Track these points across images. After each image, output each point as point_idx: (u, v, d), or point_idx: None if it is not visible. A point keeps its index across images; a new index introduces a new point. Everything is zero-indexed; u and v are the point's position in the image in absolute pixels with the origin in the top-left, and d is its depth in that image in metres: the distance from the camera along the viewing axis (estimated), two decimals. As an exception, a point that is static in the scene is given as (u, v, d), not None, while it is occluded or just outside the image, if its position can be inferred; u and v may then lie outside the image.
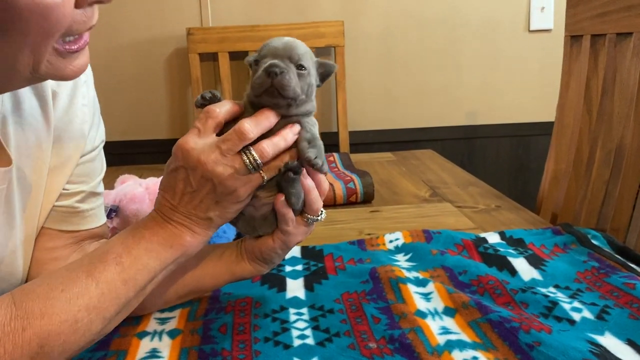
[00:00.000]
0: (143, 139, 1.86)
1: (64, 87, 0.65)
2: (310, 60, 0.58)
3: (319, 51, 1.81)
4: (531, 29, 1.89)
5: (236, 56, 1.77)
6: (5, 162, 0.58)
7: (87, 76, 0.69)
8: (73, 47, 0.51)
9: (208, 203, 0.56)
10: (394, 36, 1.86)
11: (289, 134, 0.57)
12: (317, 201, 0.61)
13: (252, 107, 0.57)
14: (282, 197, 0.59)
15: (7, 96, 0.60)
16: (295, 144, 0.58)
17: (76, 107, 0.66)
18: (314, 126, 0.59)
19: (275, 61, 0.54)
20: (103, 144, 0.74)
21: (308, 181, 0.60)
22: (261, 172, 0.56)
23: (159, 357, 0.59)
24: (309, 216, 0.61)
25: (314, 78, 0.58)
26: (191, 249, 0.58)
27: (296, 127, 0.57)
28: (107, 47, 1.77)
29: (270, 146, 0.56)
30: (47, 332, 0.49)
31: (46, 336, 0.49)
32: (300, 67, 0.55)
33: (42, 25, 0.45)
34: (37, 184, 0.63)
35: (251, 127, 0.55)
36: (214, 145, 0.55)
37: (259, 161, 0.55)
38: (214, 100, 0.58)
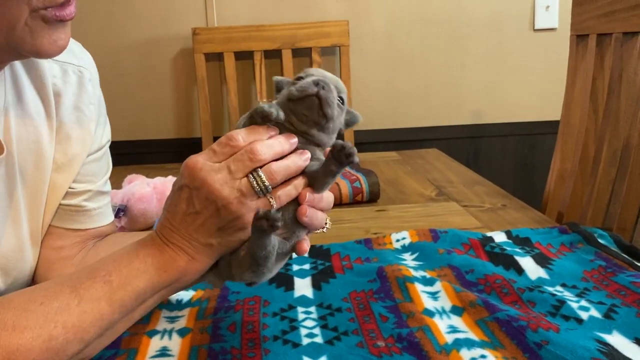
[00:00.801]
0: (149, 139, 1.87)
1: (70, 85, 0.66)
2: (346, 102, 0.57)
3: (324, 51, 1.81)
4: (536, 27, 1.88)
5: (242, 56, 1.78)
6: None
7: (92, 74, 0.70)
8: (59, 13, 0.49)
9: (210, 227, 0.51)
10: (398, 35, 1.87)
11: (299, 160, 0.53)
12: (318, 220, 0.55)
13: (276, 125, 0.55)
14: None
15: (9, 89, 0.60)
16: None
17: (82, 105, 0.67)
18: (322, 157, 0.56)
19: (325, 79, 0.53)
20: (109, 143, 0.74)
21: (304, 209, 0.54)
22: (270, 198, 0.51)
23: (169, 355, 0.60)
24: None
25: (343, 118, 0.56)
26: (187, 275, 0.52)
27: (306, 154, 0.53)
28: (113, 47, 1.78)
29: (280, 168, 0.51)
30: (16, 346, 0.44)
31: (14, 350, 0.44)
32: (340, 99, 0.54)
33: None
34: (39, 180, 0.64)
35: (264, 148, 0.51)
36: (223, 166, 0.50)
37: (267, 184, 0.50)
38: (269, 118, 0.52)
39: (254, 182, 0.50)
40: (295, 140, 0.53)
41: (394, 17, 1.85)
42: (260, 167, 0.51)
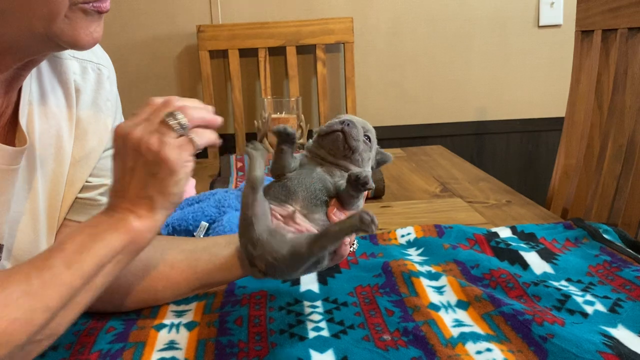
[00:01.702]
0: (154, 136, 1.87)
1: (89, 82, 0.67)
2: (374, 142, 0.62)
3: (328, 48, 1.81)
4: (540, 24, 1.88)
5: (246, 53, 1.78)
6: (22, 142, 0.59)
7: (110, 72, 0.72)
8: (97, 5, 0.53)
9: (143, 177, 0.53)
10: (403, 32, 1.87)
11: (213, 115, 0.55)
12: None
13: (311, 158, 0.60)
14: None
15: (34, 86, 0.62)
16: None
17: (100, 102, 0.69)
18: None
19: (351, 119, 0.60)
20: None
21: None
22: (191, 136, 0.53)
23: (177, 348, 0.61)
24: None
25: (372, 155, 0.62)
26: (140, 235, 0.53)
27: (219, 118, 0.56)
28: (118, 44, 1.78)
29: (196, 111, 0.53)
30: None
31: None
32: (366, 137, 0.60)
33: None
34: (59, 173, 0.65)
35: (178, 100, 0.54)
36: (142, 119, 0.53)
37: (183, 121, 0.52)
38: (289, 137, 0.58)
39: (171, 120, 0.52)
40: (210, 108, 0.56)
41: (398, 14, 1.85)
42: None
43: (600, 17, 1.09)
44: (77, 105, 0.66)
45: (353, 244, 0.64)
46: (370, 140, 0.61)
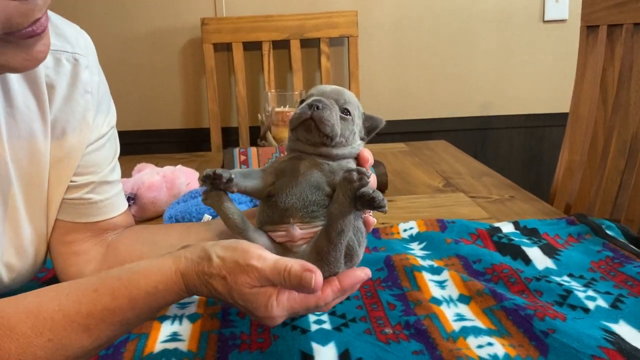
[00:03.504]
0: (157, 129, 1.87)
1: (63, 75, 0.63)
2: (356, 110, 0.56)
3: (332, 41, 1.81)
4: (546, 19, 1.87)
5: (250, 46, 1.78)
6: None
7: (89, 60, 0.66)
8: (27, 31, 0.47)
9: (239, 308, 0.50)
10: (407, 26, 1.86)
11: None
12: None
13: (291, 151, 0.55)
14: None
15: None
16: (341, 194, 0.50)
17: (77, 95, 0.64)
18: (350, 164, 0.55)
19: (320, 97, 0.53)
20: (113, 130, 0.71)
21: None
22: None
23: (180, 340, 0.61)
24: None
25: (357, 127, 0.56)
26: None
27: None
28: (121, 37, 1.78)
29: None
30: None
31: None
32: (344, 110, 0.54)
33: None
34: (36, 175, 0.62)
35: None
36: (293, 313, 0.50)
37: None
38: (220, 180, 0.51)
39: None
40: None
41: (403, 8, 1.85)
42: None
43: (606, 12, 1.09)
44: (52, 102, 0.62)
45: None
46: (349, 113, 0.54)
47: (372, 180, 0.55)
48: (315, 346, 0.58)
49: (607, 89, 1.10)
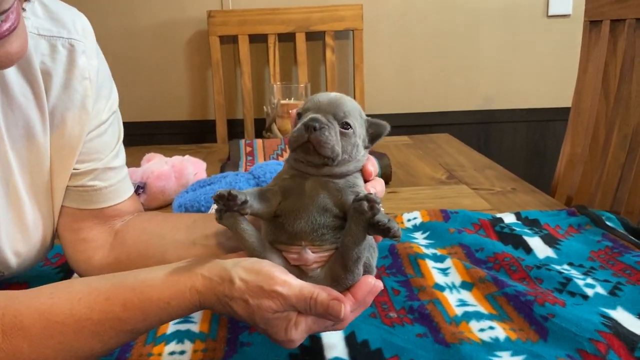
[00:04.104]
0: (163, 120, 1.89)
1: (59, 62, 0.62)
2: (358, 119, 0.52)
3: (337, 34, 1.82)
4: (550, 14, 1.88)
5: (256, 39, 1.80)
6: None
7: (87, 45, 0.65)
8: None
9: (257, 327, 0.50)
10: (412, 20, 1.87)
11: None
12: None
13: (287, 171, 0.53)
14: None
15: None
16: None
17: (75, 82, 0.63)
18: (358, 180, 0.53)
19: (317, 115, 0.50)
20: (115, 114, 0.70)
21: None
22: None
23: (192, 322, 0.63)
24: None
25: (360, 138, 0.52)
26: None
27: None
28: (128, 30, 1.80)
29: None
30: None
31: None
32: (344, 125, 0.50)
33: None
34: (36, 163, 0.62)
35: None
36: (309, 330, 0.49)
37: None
38: (234, 202, 0.48)
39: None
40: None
41: (408, 2, 1.86)
42: None
43: (609, 7, 1.10)
44: (49, 90, 0.61)
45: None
46: (349, 126, 0.51)
47: (380, 190, 0.55)
48: (322, 328, 0.60)
49: (609, 83, 1.11)
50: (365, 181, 0.54)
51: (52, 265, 0.79)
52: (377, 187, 0.55)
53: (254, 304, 0.46)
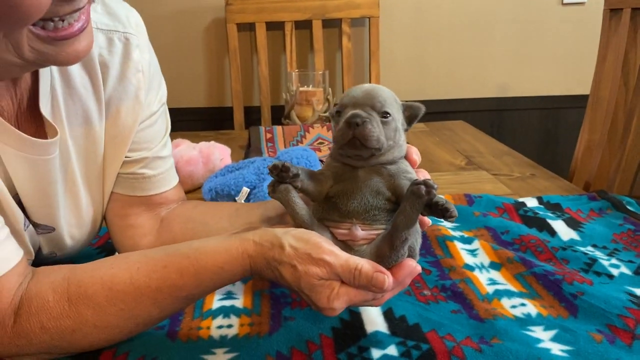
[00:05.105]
0: (181, 107, 1.92)
1: (116, 55, 0.65)
2: (394, 105, 0.54)
3: (354, 22, 1.84)
4: (565, 1, 1.89)
5: (273, 26, 1.81)
6: (52, 133, 0.60)
7: (140, 39, 0.68)
8: (58, 34, 0.48)
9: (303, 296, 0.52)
10: (428, 8, 1.89)
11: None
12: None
13: (335, 161, 0.55)
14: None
15: (56, 71, 0.61)
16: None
17: (129, 74, 0.66)
18: (408, 167, 0.55)
19: (357, 111, 0.51)
20: (164, 106, 0.74)
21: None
22: None
23: (235, 298, 0.66)
24: None
25: (399, 122, 0.55)
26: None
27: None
28: (146, 17, 1.79)
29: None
30: (97, 339, 0.52)
31: (96, 342, 0.53)
32: (384, 114, 0.52)
33: (8, 12, 0.43)
34: (92, 151, 0.65)
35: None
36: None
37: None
38: (287, 173, 0.52)
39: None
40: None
41: (423, -10, 1.87)
42: None
43: (630, -5, 1.12)
44: (106, 81, 0.64)
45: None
46: (389, 114, 0.53)
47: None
48: (360, 305, 0.63)
49: (629, 72, 1.13)
50: None
51: (93, 246, 0.82)
52: (425, 174, 0.58)
53: (301, 269, 0.49)
